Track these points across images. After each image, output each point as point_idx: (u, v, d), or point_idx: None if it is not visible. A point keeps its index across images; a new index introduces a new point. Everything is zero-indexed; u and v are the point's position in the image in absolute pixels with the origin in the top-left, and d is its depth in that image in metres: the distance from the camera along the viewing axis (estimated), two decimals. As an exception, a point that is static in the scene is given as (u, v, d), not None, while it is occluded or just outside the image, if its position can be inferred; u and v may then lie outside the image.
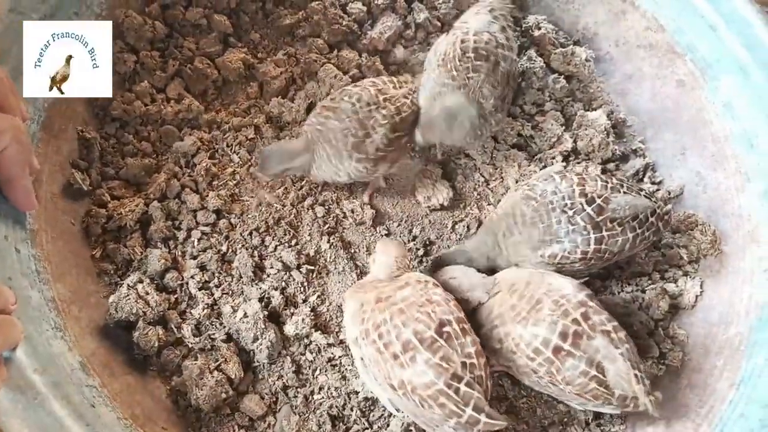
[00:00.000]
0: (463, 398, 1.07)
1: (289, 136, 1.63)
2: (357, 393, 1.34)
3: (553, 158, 1.65)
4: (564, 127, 1.70)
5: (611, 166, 1.68)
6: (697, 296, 1.48)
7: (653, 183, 1.67)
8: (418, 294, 1.17)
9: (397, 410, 1.23)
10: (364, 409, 1.32)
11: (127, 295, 1.31)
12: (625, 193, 1.33)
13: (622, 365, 1.14)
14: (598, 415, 1.38)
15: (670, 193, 1.62)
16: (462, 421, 1.07)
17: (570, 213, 1.29)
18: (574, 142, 1.68)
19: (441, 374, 1.07)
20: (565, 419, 1.37)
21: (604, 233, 1.28)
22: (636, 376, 1.14)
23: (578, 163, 1.66)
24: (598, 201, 1.29)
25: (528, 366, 1.17)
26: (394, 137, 1.43)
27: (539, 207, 1.31)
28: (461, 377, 1.08)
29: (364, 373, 1.22)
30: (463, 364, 1.09)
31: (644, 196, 1.36)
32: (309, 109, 1.63)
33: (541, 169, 1.62)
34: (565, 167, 1.62)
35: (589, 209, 1.28)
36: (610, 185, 1.34)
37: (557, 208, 1.30)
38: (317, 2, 1.73)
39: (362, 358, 1.19)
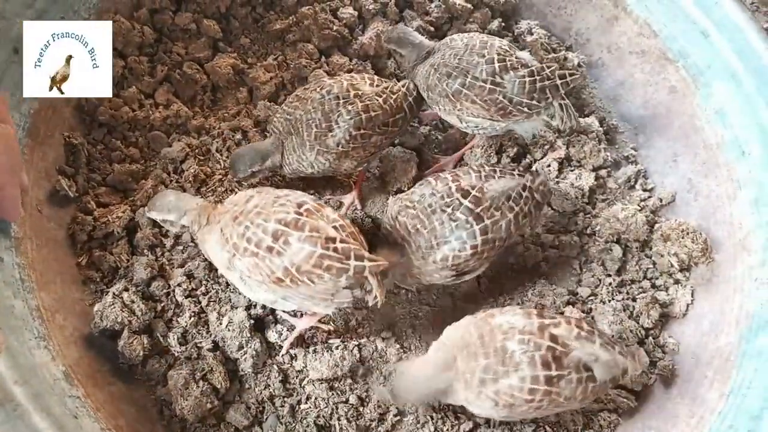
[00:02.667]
0: (343, 253, 1.16)
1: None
2: (345, 402, 1.34)
3: (548, 166, 1.64)
4: (557, 134, 1.69)
5: (603, 173, 1.67)
6: (688, 305, 1.48)
7: (645, 190, 1.66)
8: (266, 196, 1.23)
9: (294, 313, 1.34)
10: (351, 419, 1.31)
11: (113, 304, 1.30)
12: (499, 177, 1.33)
13: (604, 356, 1.17)
14: (587, 425, 1.37)
15: (662, 201, 1.61)
16: (350, 273, 1.16)
17: (449, 211, 1.27)
18: (567, 148, 1.66)
19: (316, 242, 1.15)
20: (555, 429, 1.36)
21: (487, 222, 1.28)
22: (620, 354, 1.19)
23: (572, 170, 1.65)
24: (473, 192, 1.29)
25: (530, 406, 1.16)
26: (358, 134, 1.39)
27: (418, 213, 1.29)
28: (334, 238, 1.17)
29: (249, 290, 1.25)
30: (334, 228, 1.18)
31: (517, 174, 1.36)
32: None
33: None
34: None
35: (466, 202, 1.27)
36: (483, 173, 1.34)
37: (437, 209, 1.28)
38: (308, 7, 1.72)
39: (241, 277, 1.21)
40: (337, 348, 1.36)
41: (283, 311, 1.36)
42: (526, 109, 1.43)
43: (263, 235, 1.16)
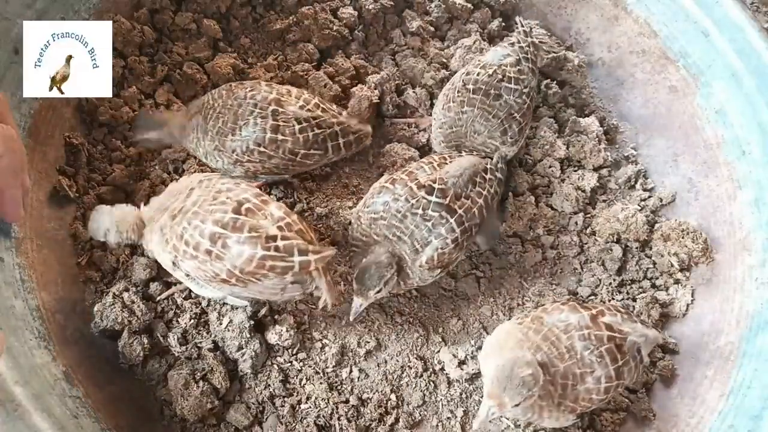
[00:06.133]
0: (286, 251, 1.12)
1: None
2: (345, 402, 1.34)
3: (550, 167, 1.63)
4: (557, 134, 1.69)
5: (604, 172, 1.66)
6: (688, 305, 1.48)
7: (645, 190, 1.65)
8: (205, 192, 1.19)
9: (248, 302, 1.30)
10: (351, 419, 1.31)
11: (113, 304, 1.30)
12: (450, 161, 1.34)
13: (651, 334, 1.22)
14: (591, 424, 1.37)
15: (662, 201, 1.61)
16: (296, 269, 1.13)
17: (420, 212, 1.26)
18: (567, 148, 1.66)
19: (256, 243, 1.11)
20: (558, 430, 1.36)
21: (460, 212, 1.27)
22: (653, 330, 1.24)
23: (575, 170, 1.65)
24: (436, 185, 1.28)
25: (604, 400, 1.18)
26: (256, 150, 1.34)
27: (391, 221, 1.26)
28: (275, 236, 1.13)
29: (197, 287, 1.23)
30: (279, 227, 1.14)
31: (466, 153, 1.38)
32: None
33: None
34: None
35: (433, 198, 1.26)
36: (435, 164, 1.34)
37: (407, 213, 1.26)
38: (308, 7, 1.72)
39: (188, 275, 1.19)
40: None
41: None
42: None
43: (200, 239, 1.12)
